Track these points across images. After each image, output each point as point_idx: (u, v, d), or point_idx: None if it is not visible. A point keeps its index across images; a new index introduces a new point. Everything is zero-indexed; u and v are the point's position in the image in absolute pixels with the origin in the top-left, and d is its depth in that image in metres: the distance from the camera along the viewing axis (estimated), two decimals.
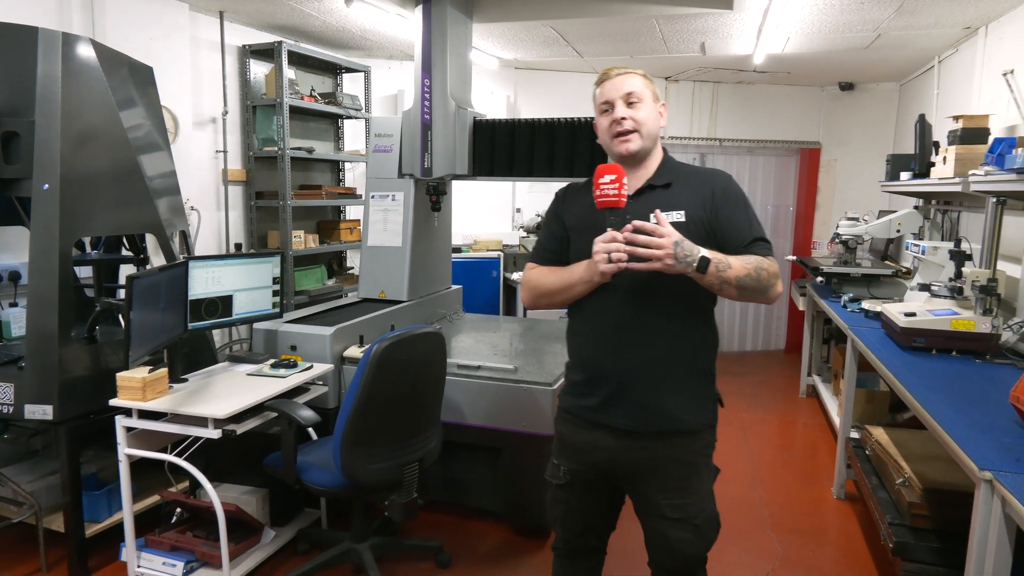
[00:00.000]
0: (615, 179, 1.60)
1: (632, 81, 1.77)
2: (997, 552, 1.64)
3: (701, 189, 1.77)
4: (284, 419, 2.49)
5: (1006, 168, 2.60)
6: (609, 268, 1.60)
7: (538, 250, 1.93)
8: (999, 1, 3.56)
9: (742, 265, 1.65)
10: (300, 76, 4.87)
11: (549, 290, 1.81)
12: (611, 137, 1.77)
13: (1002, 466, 1.69)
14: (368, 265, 3.85)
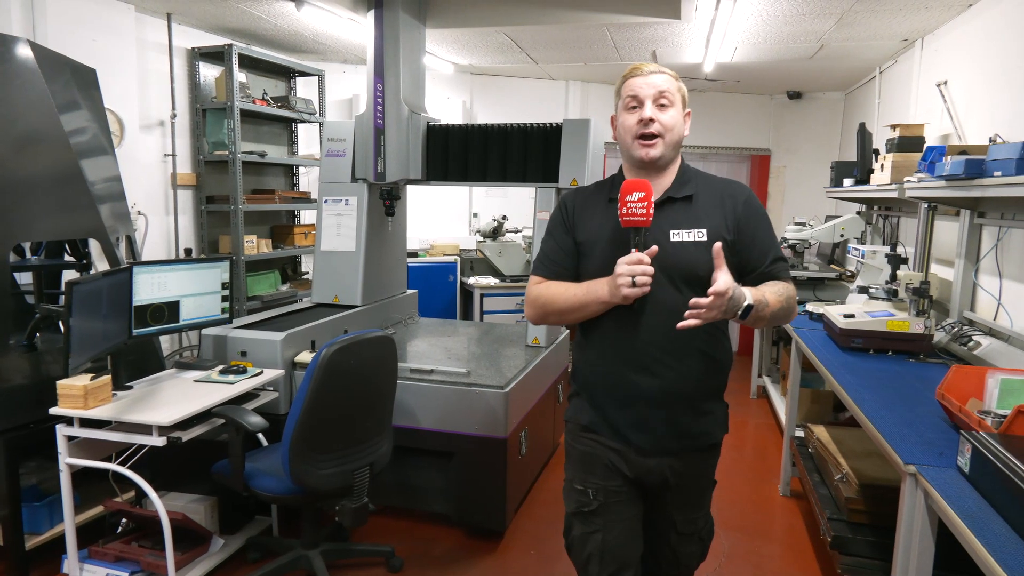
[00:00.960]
0: (644, 197, 1.51)
1: (665, 80, 1.64)
2: (921, 543, 1.71)
3: (723, 204, 1.67)
4: (231, 425, 2.46)
5: (936, 175, 2.71)
6: (633, 292, 1.51)
7: (545, 262, 1.77)
8: (933, 15, 3.72)
9: (776, 299, 1.59)
10: (252, 79, 4.82)
11: (562, 308, 1.68)
12: (633, 138, 1.64)
13: (926, 460, 1.76)
14: (321, 270, 3.83)
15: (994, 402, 1.95)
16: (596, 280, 1.62)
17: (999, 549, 1.33)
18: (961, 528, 1.44)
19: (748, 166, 6.85)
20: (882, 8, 3.58)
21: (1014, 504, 1.42)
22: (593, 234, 1.71)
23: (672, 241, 1.62)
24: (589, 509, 1.74)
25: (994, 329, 2.92)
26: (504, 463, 2.97)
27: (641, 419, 1.69)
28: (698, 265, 1.61)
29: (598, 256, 1.67)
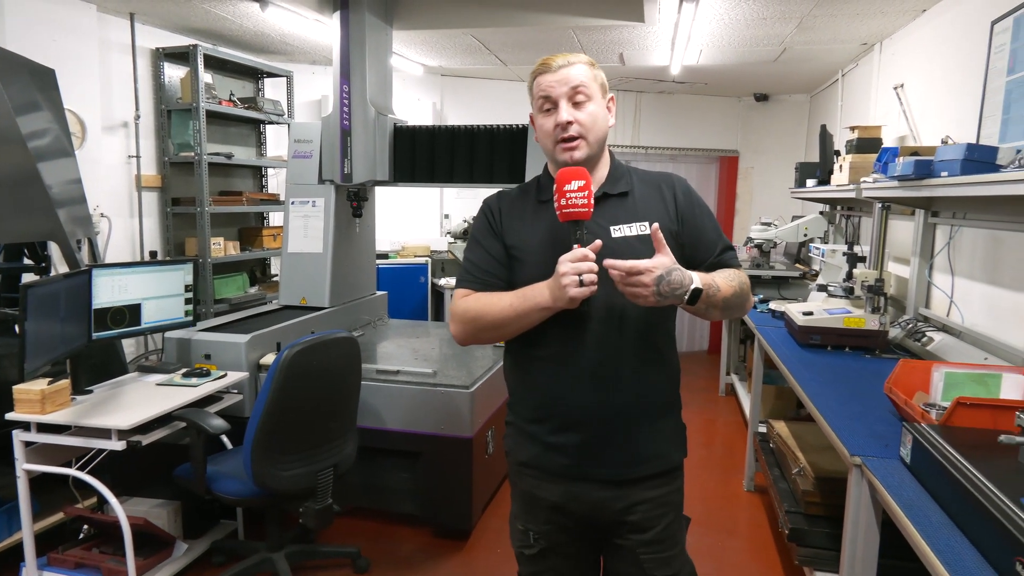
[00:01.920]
0: (584, 186, 1.36)
1: (578, 72, 1.47)
2: (866, 532, 1.76)
3: (662, 196, 1.55)
4: (193, 428, 2.45)
5: (889, 176, 2.78)
6: (580, 292, 1.32)
7: (473, 272, 1.56)
8: (889, 20, 3.81)
9: (728, 285, 1.46)
10: (219, 80, 4.78)
11: (496, 321, 1.46)
12: (554, 142, 1.49)
13: (871, 452, 1.81)
14: (288, 272, 3.82)
15: (939, 395, 2.01)
16: (533, 285, 1.42)
17: (934, 536, 1.38)
18: (900, 516, 1.49)
19: (717, 167, 6.93)
20: (840, 12, 3.66)
21: (950, 492, 1.47)
22: (524, 239, 1.53)
23: (615, 237, 1.47)
24: (530, 553, 1.59)
25: (947, 325, 3.00)
26: (470, 462, 2.99)
27: (588, 444, 1.50)
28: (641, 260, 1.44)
29: (533, 262, 1.49)
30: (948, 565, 1.26)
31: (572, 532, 1.57)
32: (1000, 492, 1.31)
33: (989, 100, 2.72)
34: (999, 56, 2.66)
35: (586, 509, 1.53)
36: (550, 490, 1.55)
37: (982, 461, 1.46)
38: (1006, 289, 2.62)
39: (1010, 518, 1.22)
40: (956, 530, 1.39)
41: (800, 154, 6.48)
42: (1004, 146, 2.43)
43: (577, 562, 1.61)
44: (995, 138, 2.63)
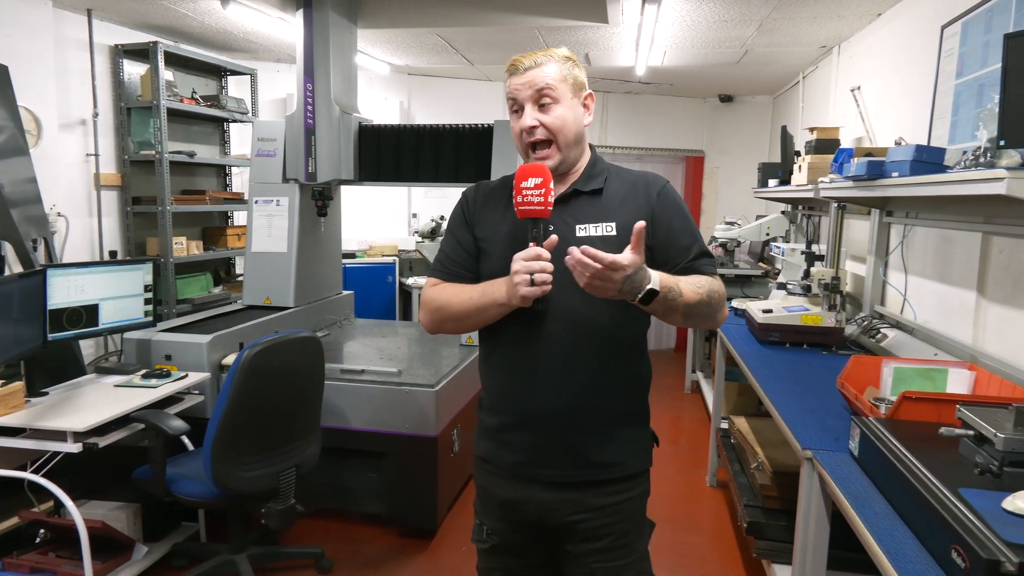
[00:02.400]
0: (541, 183, 1.34)
1: (545, 74, 1.43)
2: (816, 523, 1.81)
3: (635, 196, 1.50)
4: (151, 430, 2.42)
5: (844, 176, 2.85)
6: (531, 292, 1.31)
7: (442, 262, 1.57)
8: (846, 23, 3.90)
9: (694, 291, 1.39)
10: (181, 78, 4.71)
11: (456, 313, 1.47)
12: (525, 147, 1.48)
13: (823, 445, 1.86)
14: (252, 271, 3.78)
15: (888, 390, 2.08)
16: (494, 280, 1.42)
17: (877, 526, 1.42)
18: (846, 507, 1.53)
19: (683, 167, 7.02)
20: (798, 16, 3.74)
21: (893, 483, 1.52)
22: (492, 230, 1.53)
23: (579, 236, 1.44)
24: (484, 547, 1.60)
25: (900, 322, 3.08)
26: (435, 461, 2.99)
27: (538, 444, 1.48)
28: None
29: (497, 256, 1.48)
30: (890, 554, 1.30)
31: (525, 533, 1.55)
32: (939, 483, 1.36)
33: (939, 102, 2.80)
34: (948, 60, 2.75)
35: (536, 510, 1.51)
36: (502, 487, 1.54)
37: (924, 453, 1.51)
38: (955, 287, 2.70)
39: (947, 508, 1.26)
40: (899, 520, 1.44)
41: (764, 154, 6.59)
42: (952, 147, 2.51)
43: (529, 563, 1.58)
44: (945, 139, 2.71)
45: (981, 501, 1.27)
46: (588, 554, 1.51)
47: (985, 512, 1.22)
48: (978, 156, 2.01)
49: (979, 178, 1.78)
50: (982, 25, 2.47)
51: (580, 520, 1.50)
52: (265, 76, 5.37)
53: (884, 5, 3.52)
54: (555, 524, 1.51)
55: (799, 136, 4.76)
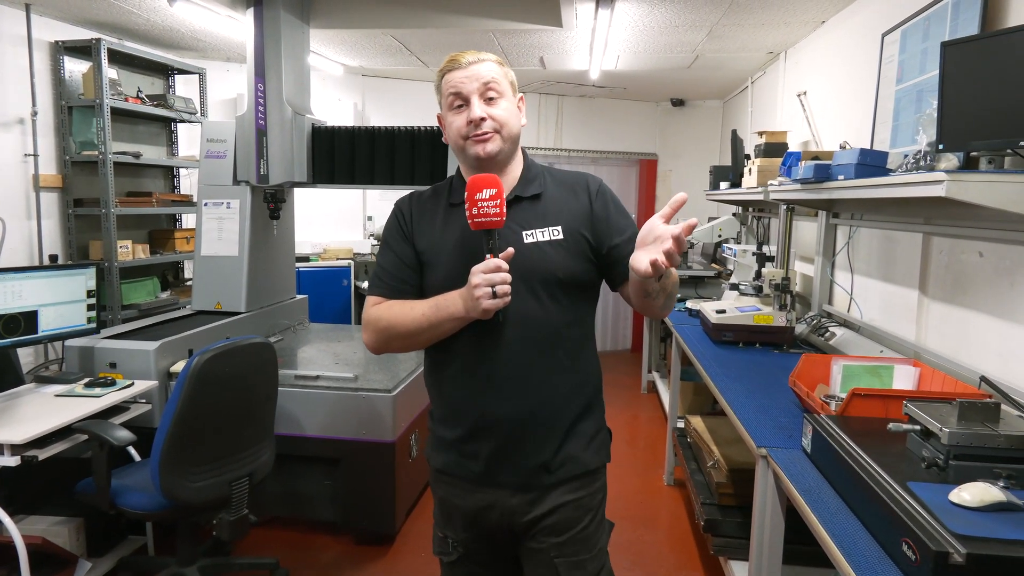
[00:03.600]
0: (496, 194, 1.32)
1: (489, 69, 1.43)
2: (772, 518, 1.85)
3: (574, 198, 1.51)
4: (95, 441, 2.33)
5: (793, 179, 2.92)
6: (494, 304, 1.31)
7: (384, 278, 1.51)
8: (792, 30, 4.00)
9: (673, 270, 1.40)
10: (125, 76, 4.56)
11: (409, 330, 1.43)
12: (464, 138, 1.44)
13: (776, 443, 1.90)
14: (202, 276, 3.68)
15: (838, 387, 2.13)
16: (446, 294, 1.40)
17: (829, 520, 1.46)
18: (800, 503, 1.57)
19: (637, 170, 7.11)
20: (746, 22, 3.82)
21: (845, 479, 1.56)
22: (435, 243, 1.49)
23: (527, 243, 1.44)
24: (449, 560, 1.58)
25: (848, 320, 3.18)
26: (393, 467, 2.96)
27: (501, 451, 1.47)
28: (557, 267, 1.44)
29: (443, 267, 1.46)
30: (843, 548, 1.33)
31: (489, 539, 1.55)
32: (889, 477, 1.40)
33: (881, 107, 2.90)
34: (889, 66, 2.84)
35: (500, 515, 1.50)
36: (465, 498, 1.52)
37: (873, 448, 1.55)
38: (898, 285, 2.79)
39: (897, 502, 1.30)
40: (851, 514, 1.47)
41: (715, 158, 6.71)
42: (894, 151, 2.60)
43: (494, 567, 1.59)
44: (887, 143, 2.80)
45: (929, 494, 1.31)
46: (550, 548, 1.51)
47: (933, 505, 1.26)
48: (919, 159, 2.09)
49: (920, 181, 1.85)
50: (920, 33, 2.56)
51: (543, 517, 1.50)
52: (214, 75, 5.24)
53: (827, 13, 3.63)
54: (519, 524, 1.51)
55: (748, 140, 4.88)
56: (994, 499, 1.25)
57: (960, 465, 1.39)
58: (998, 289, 2.12)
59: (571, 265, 1.45)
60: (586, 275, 1.49)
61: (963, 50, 1.88)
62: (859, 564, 1.28)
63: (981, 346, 2.19)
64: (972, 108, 1.87)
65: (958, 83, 1.89)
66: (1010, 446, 1.40)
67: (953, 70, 1.91)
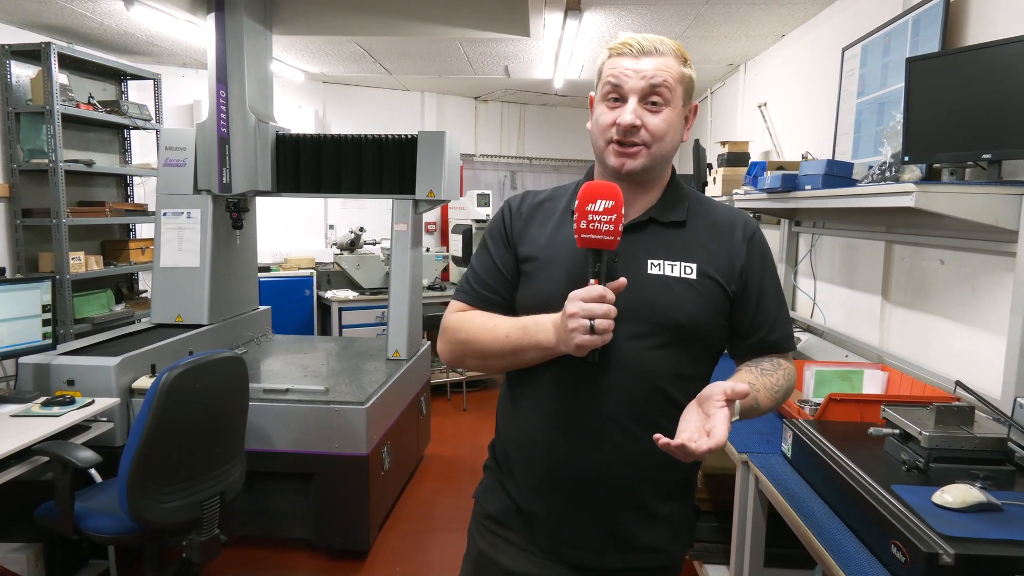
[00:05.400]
0: (612, 208, 1.08)
1: (663, 67, 1.16)
2: (753, 523, 1.88)
3: (720, 238, 1.24)
4: (57, 463, 2.23)
5: (759, 188, 2.99)
6: (589, 341, 1.05)
7: (473, 283, 1.30)
8: (753, 43, 4.11)
9: (770, 398, 1.22)
10: (76, 81, 4.40)
11: (487, 350, 1.21)
12: (607, 141, 1.19)
13: (756, 448, 1.94)
14: (161, 288, 3.57)
15: (811, 392, 2.19)
16: (538, 317, 1.16)
17: (816, 522, 1.49)
18: (784, 507, 1.60)
19: None
20: (711, 35, 3.91)
21: (829, 483, 1.59)
22: (541, 252, 1.25)
23: (651, 274, 1.19)
24: None
25: (811, 326, 3.26)
26: (367, 481, 2.91)
27: (571, 516, 1.22)
28: (681, 310, 1.17)
29: (544, 282, 1.22)
30: (833, 551, 1.36)
31: None
32: (873, 481, 1.44)
33: (842, 119, 2.99)
34: (850, 80, 2.94)
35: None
36: (514, 558, 1.27)
37: (854, 452, 1.60)
38: (861, 292, 2.88)
39: (884, 505, 1.34)
40: (836, 518, 1.51)
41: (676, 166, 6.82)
42: (857, 162, 2.68)
43: None
44: (848, 154, 2.89)
45: (913, 497, 1.35)
46: None
47: (918, 507, 1.30)
48: (884, 171, 2.16)
49: (889, 191, 1.91)
50: (881, 48, 2.66)
51: None
52: (169, 81, 5.10)
53: (787, 27, 3.73)
54: None
55: (710, 149, 4.97)
56: (975, 500, 1.30)
57: (940, 467, 1.44)
58: (959, 295, 2.20)
59: (697, 312, 1.18)
60: (714, 330, 1.22)
61: (927, 66, 1.96)
62: (849, 567, 1.31)
63: (943, 350, 2.28)
64: (936, 122, 1.94)
65: (922, 97, 1.97)
66: (985, 448, 1.46)
67: (918, 85, 1.98)
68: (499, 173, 6.89)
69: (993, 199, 1.76)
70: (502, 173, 6.90)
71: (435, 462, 4.16)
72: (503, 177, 6.90)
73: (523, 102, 6.61)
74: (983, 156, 1.84)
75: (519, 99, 6.46)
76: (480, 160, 6.76)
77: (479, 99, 6.56)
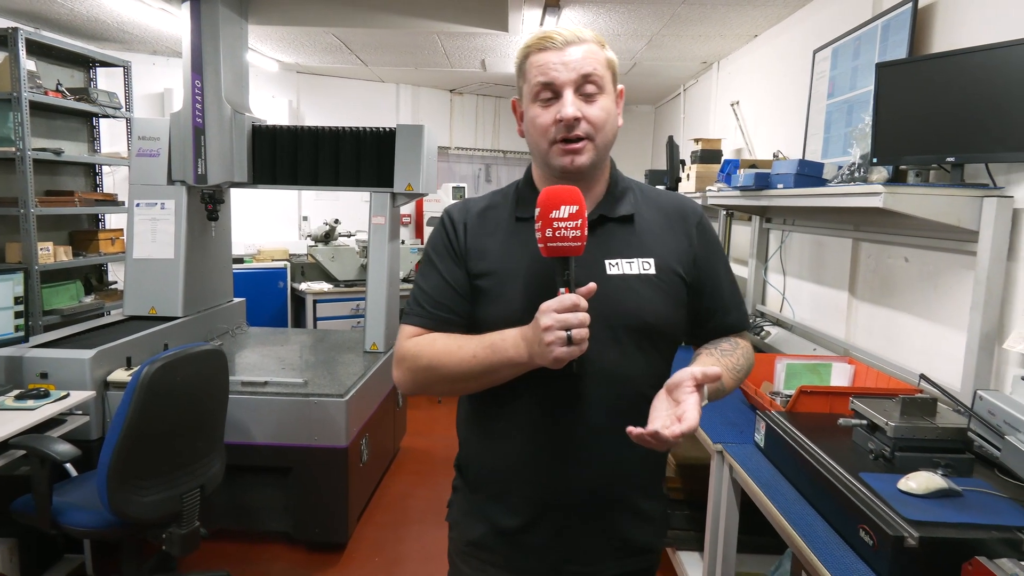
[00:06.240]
0: (576, 212, 1.03)
1: (590, 56, 1.12)
2: (727, 510, 1.95)
3: (675, 230, 1.22)
4: (35, 457, 2.21)
5: (733, 186, 3.06)
6: (568, 353, 1.00)
7: (424, 306, 1.21)
8: (726, 42, 4.18)
9: (733, 378, 1.22)
10: (44, 68, 4.31)
11: (455, 373, 1.13)
12: (550, 142, 1.14)
13: (729, 439, 2.01)
14: (134, 279, 3.53)
15: (782, 384, 2.26)
16: (505, 333, 1.10)
17: (788, 509, 1.56)
18: (758, 494, 1.67)
19: None
20: (685, 33, 3.97)
21: (799, 471, 1.67)
22: (497, 263, 1.19)
23: (610, 275, 1.15)
24: None
25: (780, 320, 3.36)
26: (346, 473, 2.93)
27: (565, 530, 1.19)
28: (647, 309, 1.16)
29: (505, 298, 1.16)
30: (805, 537, 1.43)
31: None
32: (842, 469, 1.51)
33: (813, 120, 3.08)
34: (820, 81, 3.02)
35: None
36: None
37: (824, 442, 1.67)
38: (828, 287, 2.98)
39: (853, 492, 1.41)
40: (806, 504, 1.58)
41: (647, 161, 6.92)
42: (826, 161, 2.77)
43: None
44: (818, 154, 2.98)
45: (880, 484, 1.42)
46: None
47: (885, 493, 1.38)
48: (853, 171, 2.24)
49: (859, 192, 1.98)
50: (851, 52, 2.74)
51: None
52: (139, 69, 5.01)
53: (760, 27, 3.81)
54: None
55: (683, 146, 5.05)
56: (938, 486, 1.38)
57: (905, 456, 1.52)
58: (922, 292, 2.30)
59: (663, 309, 1.17)
60: (680, 323, 1.21)
61: (896, 71, 2.04)
62: (820, 550, 1.38)
63: (907, 344, 2.37)
64: (903, 125, 2.02)
65: (891, 101, 2.05)
66: (947, 438, 1.54)
67: (886, 89, 2.06)
68: (474, 166, 6.90)
69: (955, 201, 1.85)
70: (477, 166, 6.92)
71: (411, 454, 4.19)
72: (478, 170, 6.92)
73: (498, 95, 6.63)
74: (947, 159, 1.92)
75: (494, 92, 6.47)
76: (455, 153, 6.77)
77: (454, 92, 6.56)
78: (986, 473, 1.52)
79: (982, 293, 1.82)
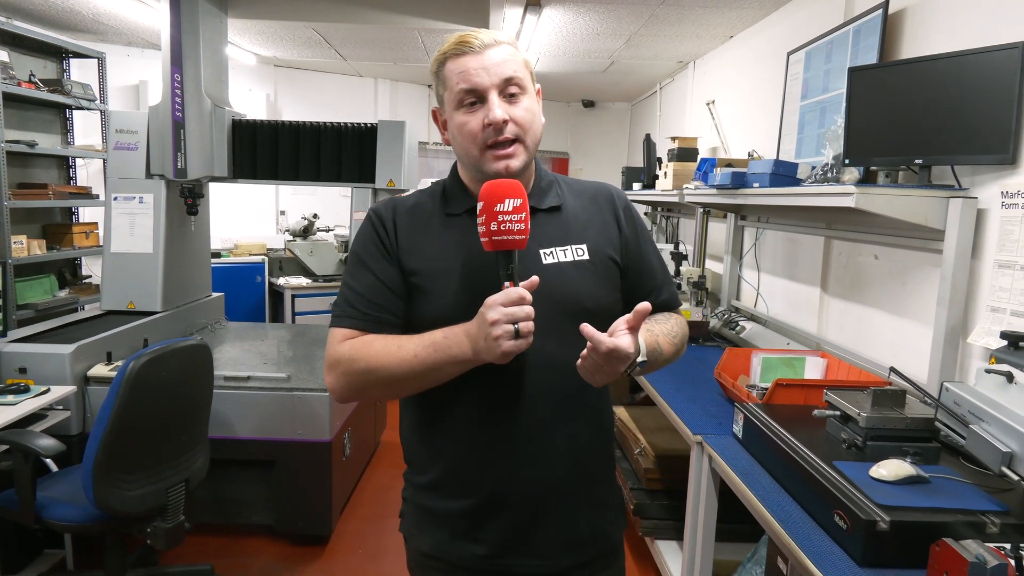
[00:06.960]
0: (520, 206, 1.05)
1: (510, 58, 1.13)
2: (707, 500, 2.02)
3: (598, 211, 1.26)
4: (18, 452, 2.20)
5: (709, 184, 3.14)
6: (516, 346, 1.01)
7: (356, 307, 1.18)
8: (703, 42, 4.26)
9: (670, 345, 1.22)
10: (16, 59, 4.24)
11: (395, 375, 1.11)
12: (481, 148, 1.13)
13: (708, 430, 2.08)
14: (112, 274, 3.50)
15: (758, 377, 2.34)
16: (447, 330, 1.08)
17: (766, 498, 1.63)
18: (737, 483, 1.74)
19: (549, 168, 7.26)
20: (663, 33, 4.04)
21: (775, 460, 1.74)
22: (432, 260, 1.18)
23: (546, 264, 1.17)
24: None
25: (755, 315, 3.45)
26: (329, 466, 2.95)
27: (518, 529, 1.18)
28: (583, 295, 1.17)
29: (443, 295, 1.16)
30: (782, 522, 1.50)
31: None
32: (817, 458, 1.58)
33: (786, 120, 3.16)
34: (794, 83, 3.11)
35: None
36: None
37: (799, 433, 1.74)
38: (801, 283, 3.07)
39: (827, 479, 1.48)
40: (784, 492, 1.65)
41: (623, 157, 7.00)
42: (800, 161, 2.85)
43: None
44: (792, 154, 3.07)
45: (852, 471, 1.50)
46: None
47: (857, 480, 1.45)
48: (826, 172, 2.32)
49: (832, 192, 2.06)
50: (824, 55, 2.82)
51: None
52: (114, 60, 4.95)
53: (736, 28, 3.89)
54: None
55: (660, 143, 5.13)
56: (907, 473, 1.45)
57: (876, 445, 1.60)
58: (891, 288, 2.39)
59: (599, 293, 1.20)
60: (615, 306, 1.21)
61: (867, 76, 2.12)
62: (796, 535, 1.45)
63: (876, 338, 2.47)
64: (874, 127, 2.11)
65: (862, 104, 2.13)
66: (915, 427, 1.62)
67: (858, 93, 2.14)
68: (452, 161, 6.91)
69: (923, 201, 1.93)
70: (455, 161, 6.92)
71: (391, 448, 4.21)
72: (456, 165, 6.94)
73: None
74: (915, 161, 2.01)
75: None
76: (433, 148, 6.78)
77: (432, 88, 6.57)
78: (952, 461, 1.60)
79: (948, 289, 1.91)
